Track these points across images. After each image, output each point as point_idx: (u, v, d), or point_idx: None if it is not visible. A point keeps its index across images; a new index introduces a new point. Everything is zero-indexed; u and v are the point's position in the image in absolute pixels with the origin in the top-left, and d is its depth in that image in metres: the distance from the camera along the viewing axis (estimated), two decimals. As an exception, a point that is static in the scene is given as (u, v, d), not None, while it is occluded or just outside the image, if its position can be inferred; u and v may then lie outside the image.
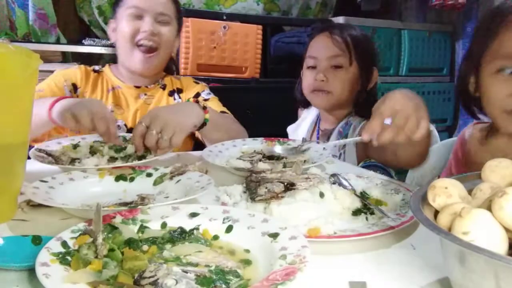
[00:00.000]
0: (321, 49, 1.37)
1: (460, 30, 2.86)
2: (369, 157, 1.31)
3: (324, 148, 1.12)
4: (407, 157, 1.03)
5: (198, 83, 1.57)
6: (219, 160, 1.04)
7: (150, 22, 1.41)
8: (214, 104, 1.42)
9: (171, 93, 1.52)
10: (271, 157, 1.06)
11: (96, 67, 1.54)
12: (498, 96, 0.90)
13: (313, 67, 1.38)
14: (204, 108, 1.15)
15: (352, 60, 1.33)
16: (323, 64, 1.35)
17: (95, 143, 1.07)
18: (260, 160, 1.00)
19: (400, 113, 0.78)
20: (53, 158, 0.97)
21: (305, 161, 1.01)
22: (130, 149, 1.04)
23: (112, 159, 0.99)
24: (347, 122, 1.37)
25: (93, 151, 1.04)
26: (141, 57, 1.41)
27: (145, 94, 1.49)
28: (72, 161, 0.97)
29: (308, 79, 1.39)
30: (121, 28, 1.43)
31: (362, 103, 1.33)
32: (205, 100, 1.48)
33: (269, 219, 0.61)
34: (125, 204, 0.70)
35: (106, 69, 1.53)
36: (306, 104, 1.52)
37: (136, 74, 1.46)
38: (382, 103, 0.80)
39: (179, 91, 1.53)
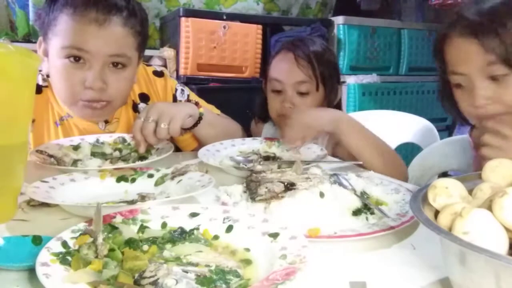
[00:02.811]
0: (286, 74, 1.30)
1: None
2: (336, 156, 1.32)
3: (321, 149, 1.12)
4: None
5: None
6: (218, 160, 1.04)
7: (98, 71, 1.03)
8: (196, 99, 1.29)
9: (134, 107, 1.26)
10: (267, 158, 1.06)
11: (40, 81, 1.13)
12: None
13: (278, 91, 1.32)
14: (196, 103, 1.17)
15: (318, 86, 1.29)
16: (289, 90, 1.30)
17: (96, 145, 1.07)
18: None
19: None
20: (55, 159, 0.97)
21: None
22: (125, 150, 1.06)
23: (114, 160, 0.99)
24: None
25: (94, 152, 1.04)
26: (87, 111, 1.10)
27: (106, 122, 1.20)
28: (74, 162, 0.97)
29: (274, 103, 1.34)
30: (55, 72, 1.07)
31: None
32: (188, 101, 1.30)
33: (269, 219, 0.61)
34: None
35: (49, 89, 1.14)
36: (265, 120, 1.47)
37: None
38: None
39: (145, 97, 1.28)
